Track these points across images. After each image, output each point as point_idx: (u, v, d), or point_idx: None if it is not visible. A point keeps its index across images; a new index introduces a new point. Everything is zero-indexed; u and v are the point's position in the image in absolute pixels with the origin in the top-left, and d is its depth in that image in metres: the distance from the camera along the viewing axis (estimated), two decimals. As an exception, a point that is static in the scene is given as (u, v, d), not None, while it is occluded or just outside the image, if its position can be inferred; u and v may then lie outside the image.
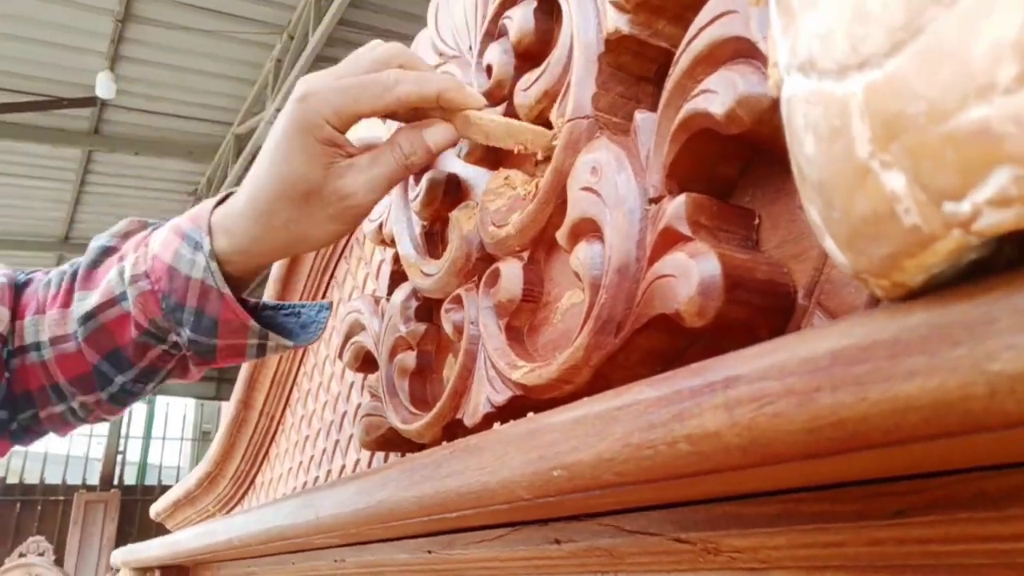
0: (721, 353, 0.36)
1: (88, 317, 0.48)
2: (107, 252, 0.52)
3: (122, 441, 9.11)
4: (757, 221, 0.35)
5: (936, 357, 0.18)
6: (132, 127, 5.25)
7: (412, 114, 0.45)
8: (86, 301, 0.48)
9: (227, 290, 0.45)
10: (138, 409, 9.73)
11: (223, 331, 0.46)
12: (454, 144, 0.46)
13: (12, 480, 7.94)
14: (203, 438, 10.45)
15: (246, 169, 5.07)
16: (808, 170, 0.19)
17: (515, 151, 0.44)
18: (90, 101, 4.59)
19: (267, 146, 0.45)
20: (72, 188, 5.87)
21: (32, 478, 8.04)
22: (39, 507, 7.90)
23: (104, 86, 4.30)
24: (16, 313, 0.50)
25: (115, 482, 8.71)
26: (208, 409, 10.47)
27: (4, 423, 0.50)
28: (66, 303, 0.50)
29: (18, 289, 0.52)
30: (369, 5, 4.16)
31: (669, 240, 0.34)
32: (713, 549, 0.35)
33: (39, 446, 9.43)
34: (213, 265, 0.45)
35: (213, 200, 0.49)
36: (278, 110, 4.46)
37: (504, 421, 0.46)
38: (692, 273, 0.31)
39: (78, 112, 4.89)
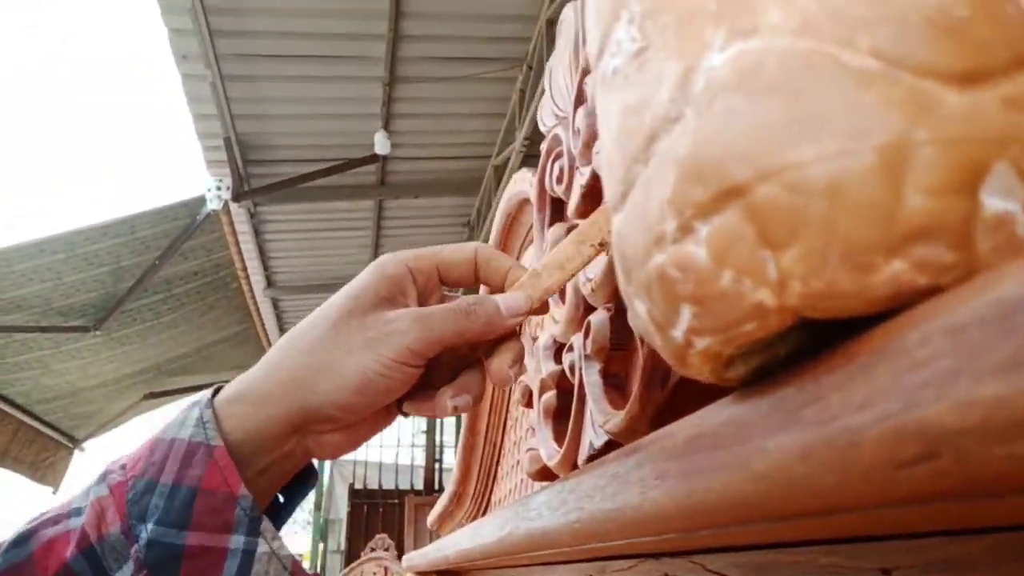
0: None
1: (20, 541, 0.37)
2: None
3: (437, 450, 10.24)
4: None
5: (727, 451, 0.20)
6: (409, 175, 5.94)
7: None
8: (30, 525, 0.38)
9: (219, 441, 0.37)
10: (448, 420, 10.85)
11: (200, 511, 0.36)
12: (526, 310, 0.42)
13: (359, 486, 9.29)
14: (504, 445, 11.30)
15: (506, 196, 5.45)
16: (626, 286, 0.22)
17: (588, 258, 0.43)
18: (373, 159, 5.29)
19: None
20: (371, 234, 6.79)
21: (372, 484, 9.36)
22: (380, 509, 9.17)
23: (381, 144, 4.94)
24: None
25: (436, 486, 9.80)
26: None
27: None
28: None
29: None
30: (597, 20, 4.26)
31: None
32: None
33: (374, 455, 10.86)
34: (207, 414, 0.38)
35: None
36: (527, 138, 4.76)
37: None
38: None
39: (365, 169, 5.65)
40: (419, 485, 9.81)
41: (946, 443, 0.12)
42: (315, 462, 0.45)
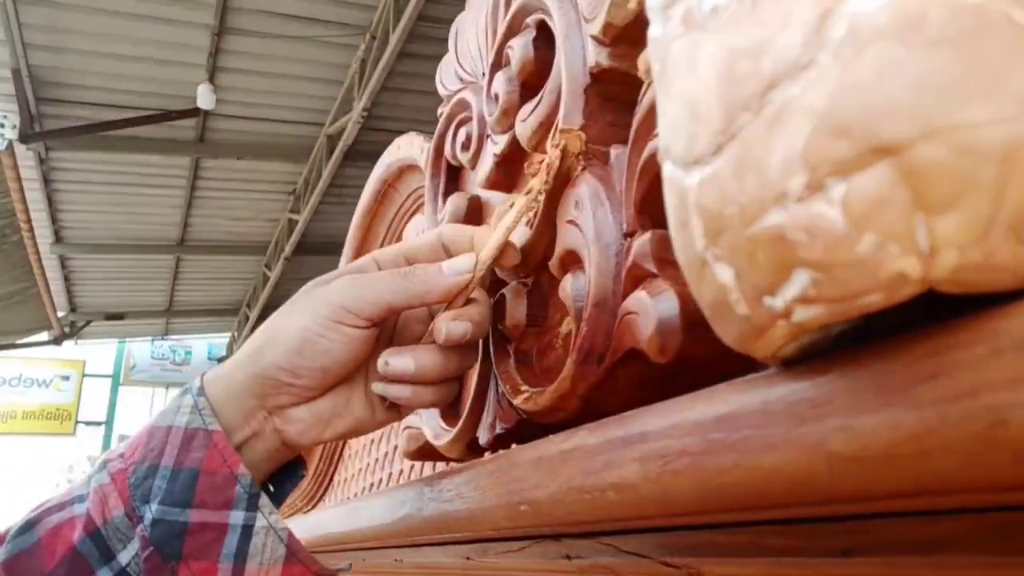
0: (707, 379, 0.36)
1: (24, 529, 0.39)
2: None
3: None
4: (731, 251, 0.35)
5: (790, 432, 0.19)
6: (233, 134, 5.55)
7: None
8: (32, 513, 0.40)
9: (217, 425, 0.39)
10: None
11: (202, 490, 0.38)
12: (470, 269, 0.42)
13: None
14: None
15: (339, 168, 5.26)
16: (675, 251, 0.20)
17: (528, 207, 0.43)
18: (193, 112, 4.88)
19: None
20: (184, 194, 6.27)
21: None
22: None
23: (205, 97, 4.56)
24: None
25: (238, 466, 9.31)
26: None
27: None
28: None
29: None
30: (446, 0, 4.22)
31: (637, 277, 0.35)
32: (696, 574, 0.36)
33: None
34: (201, 401, 0.39)
35: None
36: (365, 110, 4.61)
37: (511, 442, 0.48)
38: (651, 312, 0.32)
39: (184, 123, 5.20)
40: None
41: None
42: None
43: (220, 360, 10.44)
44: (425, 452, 0.61)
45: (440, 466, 0.72)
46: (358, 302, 0.40)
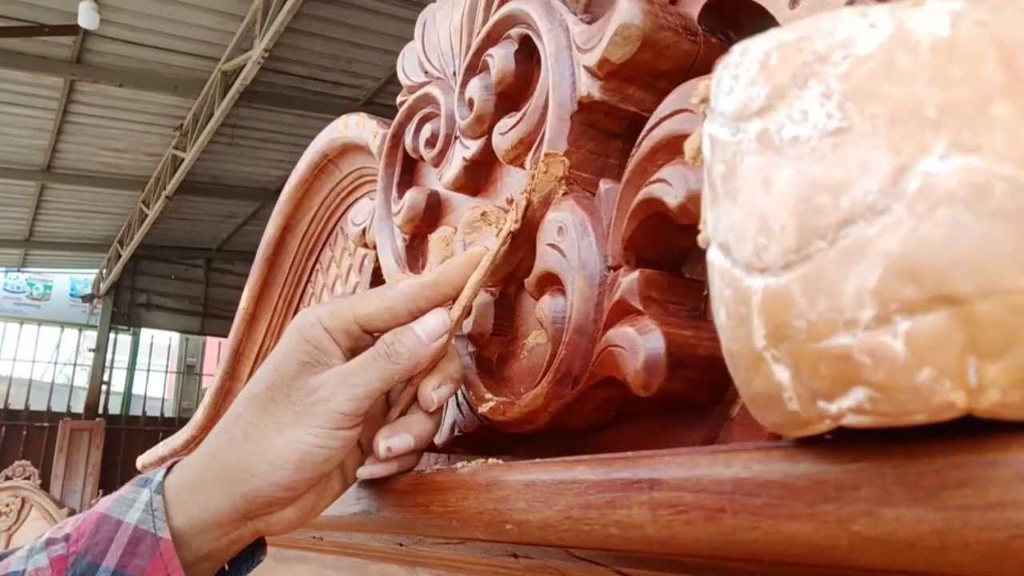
0: (667, 410, 0.39)
1: None
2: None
3: (107, 371, 9.21)
4: (706, 292, 0.38)
5: (813, 508, 0.21)
6: (116, 58, 5.14)
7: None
8: None
9: (167, 533, 0.37)
10: (123, 341, 9.80)
11: None
12: (447, 329, 0.41)
13: (-3, 405, 7.99)
14: (187, 371, 10.56)
15: (233, 107, 5.00)
16: (721, 335, 0.23)
17: (507, 233, 0.44)
18: (72, 29, 4.47)
19: None
20: (55, 117, 5.77)
21: (17, 404, 8.11)
22: (24, 433, 8.00)
23: (87, 15, 4.19)
24: None
25: (100, 411, 8.82)
26: (193, 343, 10.55)
27: None
28: None
29: None
30: (360, -57, 4.06)
31: (623, 311, 0.37)
32: (649, 584, 0.39)
33: (24, 372, 9.40)
34: (156, 500, 0.37)
35: None
36: (266, 49, 4.38)
37: (470, 445, 0.50)
38: (639, 350, 0.35)
39: (60, 40, 4.77)
40: (78, 408, 8.76)
41: None
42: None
43: (84, 298, 9.78)
44: (364, 440, 0.62)
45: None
46: (353, 402, 0.38)
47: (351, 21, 4.79)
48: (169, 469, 0.40)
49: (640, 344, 0.35)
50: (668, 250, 0.39)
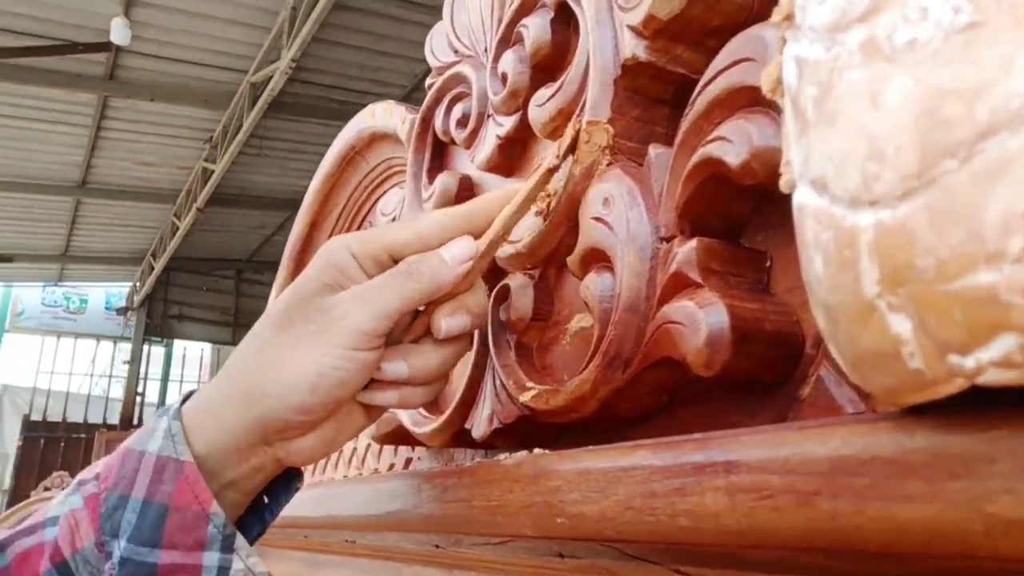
0: (726, 392, 0.36)
1: None
2: None
3: (141, 382, 9.33)
4: (769, 263, 0.35)
5: (935, 486, 0.18)
6: (147, 73, 5.21)
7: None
8: (7, 532, 0.38)
9: (188, 456, 0.36)
10: (156, 352, 9.93)
11: (171, 530, 0.35)
12: (473, 256, 0.39)
13: (36, 417, 8.13)
14: (219, 382, 10.64)
15: (262, 119, 5.04)
16: (816, 288, 0.19)
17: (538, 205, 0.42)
18: (105, 47, 4.55)
19: None
20: (88, 133, 5.87)
21: (55, 416, 8.25)
22: (62, 444, 8.13)
23: (119, 32, 4.26)
24: None
25: (134, 422, 8.94)
26: (224, 353, 10.65)
27: None
28: None
29: None
30: (385, -48, 4.07)
31: (679, 284, 0.34)
32: (711, 584, 0.36)
33: (62, 385, 9.58)
34: (175, 425, 0.37)
35: None
36: (293, 60, 4.41)
37: (510, 438, 0.47)
38: (700, 325, 0.31)
39: (93, 57, 4.85)
40: (113, 420, 8.88)
41: None
42: None
43: (119, 311, 9.94)
44: (397, 437, 0.59)
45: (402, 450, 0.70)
46: (371, 320, 0.36)
47: (376, 30, 4.81)
48: (188, 397, 0.39)
49: (701, 319, 0.31)
50: (727, 217, 0.35)
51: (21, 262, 8.46)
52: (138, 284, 9.25)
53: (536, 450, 0.36)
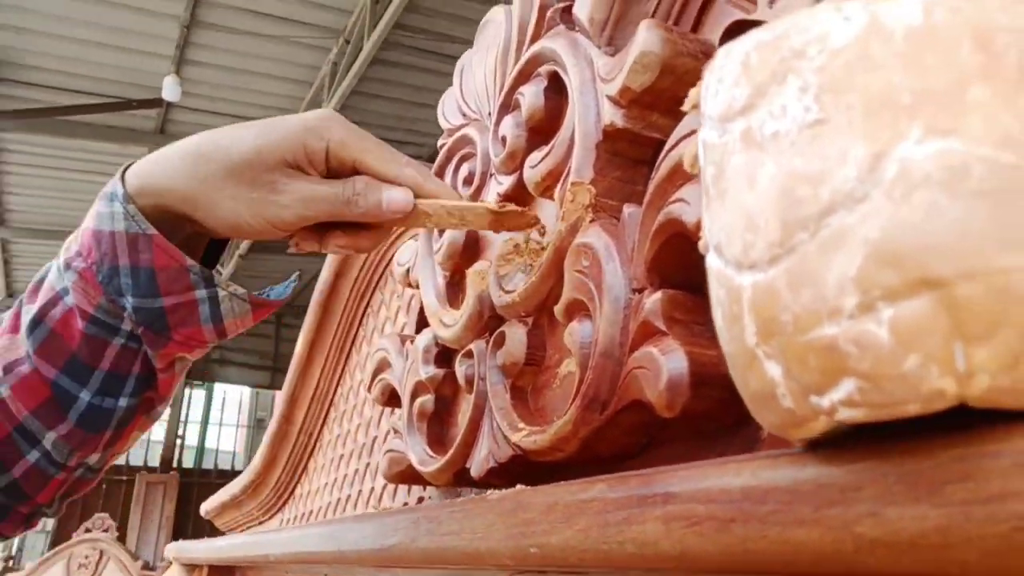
0: (696, 435, 0.39)
1: (34, 325, 0.45)
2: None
3: (181, 425, 9.50)
4: (733, 313, 0.38)
5: (818, 512, 0.21)
6: (196, 127, 5.44)
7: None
8: (31, 310, 0.45)
9: (152, 229, 0.42)
10: (197, 396, 10.12)
11: (164, 283, 0.43)
12: (406, 211, 0.44)
13: (80, 460, 8.29)
14: (258, 425, 10.79)
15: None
16: (720, 338, 0.22)
17: (458, 226, 0.47)
18: (157, 103, 4.78)
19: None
20: (139, 184, 6.12)
21: (98, 459, 8.41)
22: (103, 486, 8.27)
23: (170, 89, 4.48)
24: None
25: (174, 464, 9.08)
26: (263, 397, 10.81)
27: None
28: (15, 327, 0.46)
29: None
30: (423, 9, 4.23)
31: (647, 332, 0.37)
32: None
33: (106, 428, 9.80)
34: (131, 208, 0.43)
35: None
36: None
37: (505, 477, 0.49)
38: (662, 370, 0.34)
39: (145, 113, 5.10)
40: (154, 462, 9.03)
41: None
42: None
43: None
44: (407, 476, 0.63)
45: (414, 489, 0.73)
46: (302, 219, 0.43)
47: (413, 82, 4.97)
48: (124, 173, 0.44)
49: (663, 364, 0.34)
50: (691, 270, 0.38)
51: (72, 308, 8.75)
52: (182, 329, 9.47)
53: (518, 486, 0.39)
